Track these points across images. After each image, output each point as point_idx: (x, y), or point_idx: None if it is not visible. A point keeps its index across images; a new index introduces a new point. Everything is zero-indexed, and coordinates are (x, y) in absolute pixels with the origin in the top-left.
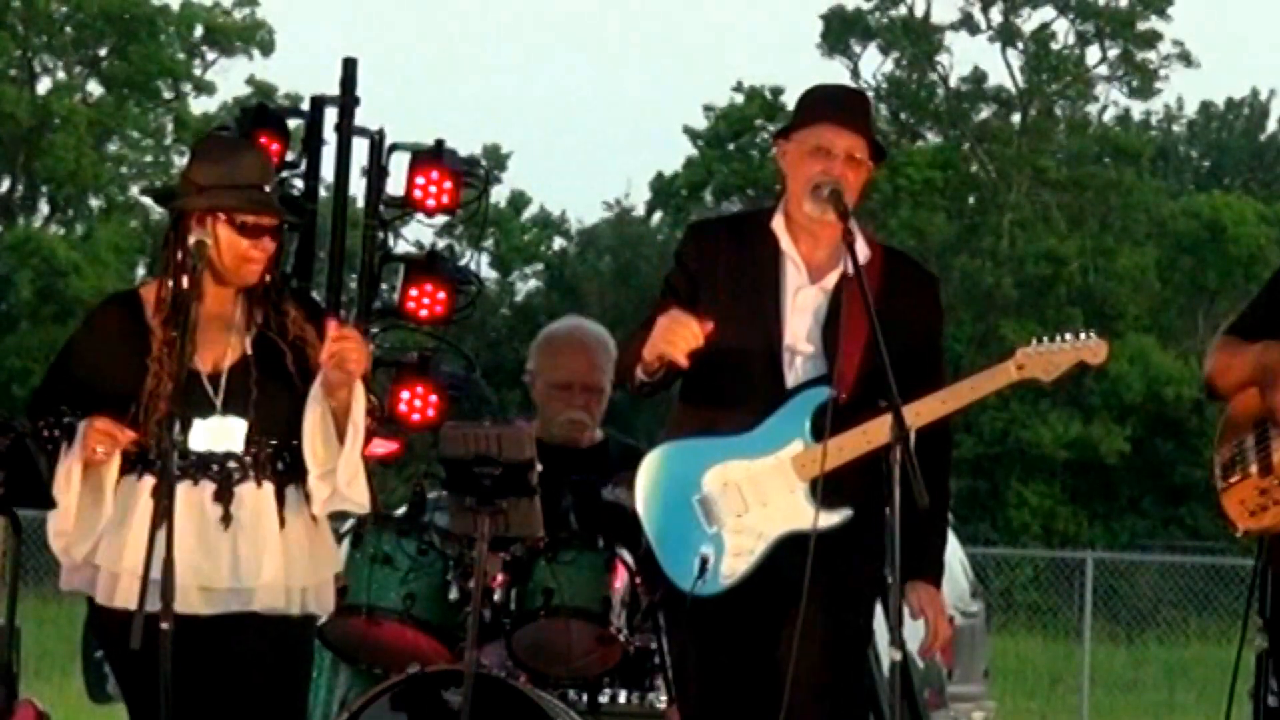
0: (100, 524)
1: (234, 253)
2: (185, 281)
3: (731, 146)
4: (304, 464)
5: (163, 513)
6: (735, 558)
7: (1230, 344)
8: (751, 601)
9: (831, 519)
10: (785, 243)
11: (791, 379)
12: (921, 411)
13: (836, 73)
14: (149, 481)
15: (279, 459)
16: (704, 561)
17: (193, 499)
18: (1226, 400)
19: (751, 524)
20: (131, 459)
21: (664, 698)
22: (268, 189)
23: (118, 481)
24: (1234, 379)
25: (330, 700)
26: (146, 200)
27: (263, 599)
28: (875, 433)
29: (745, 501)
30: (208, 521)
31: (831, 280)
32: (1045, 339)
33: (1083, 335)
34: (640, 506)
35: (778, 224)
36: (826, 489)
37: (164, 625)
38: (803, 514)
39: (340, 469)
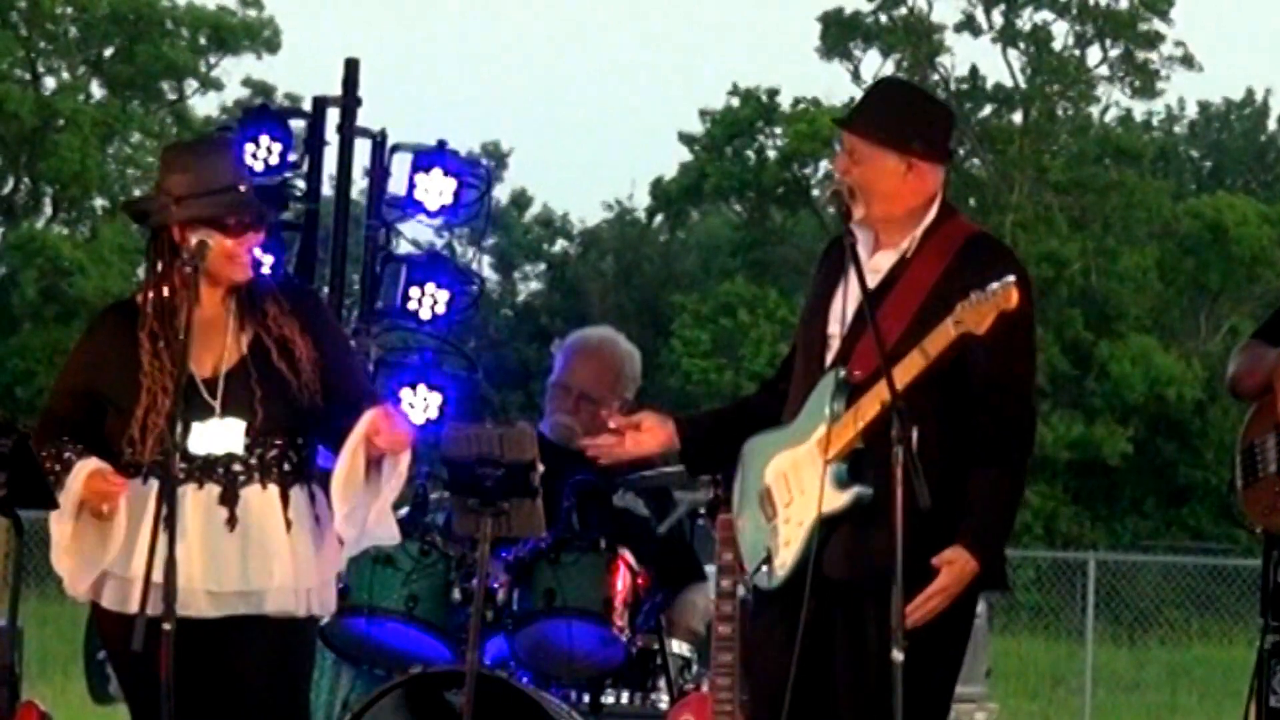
0: (104, 562)
1: (221, 254)
2: (184, 283)
3: (729, 149)
4: (308, 465)
5: (164, 515)
6: (785, 548)
7: (1254, 348)
8: (803, 597)
9: (841, 498)
10: (861, 237)
11: (829, 361)
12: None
13: (836, 75)
14: (156, 486)
15: (284, 460)
16: (768, 555)
17: (199, 502)
18: (1250, 402)
19: (795, 513)
20: (140, 465)
21: (665, 698)
22: (242, 188)
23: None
24: (1254, 383)
25: (332, 701)
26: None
27: (274, 601)
28: (866, 409)
29: (790, 490)
30: (214, 524)
31: (885, 260)
32: (974, 293)
33: (996, 284)
34: (733, 502)
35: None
36: (851, 468)
37: (165, 626)
38: (827, 497)
39: (371, 514)
